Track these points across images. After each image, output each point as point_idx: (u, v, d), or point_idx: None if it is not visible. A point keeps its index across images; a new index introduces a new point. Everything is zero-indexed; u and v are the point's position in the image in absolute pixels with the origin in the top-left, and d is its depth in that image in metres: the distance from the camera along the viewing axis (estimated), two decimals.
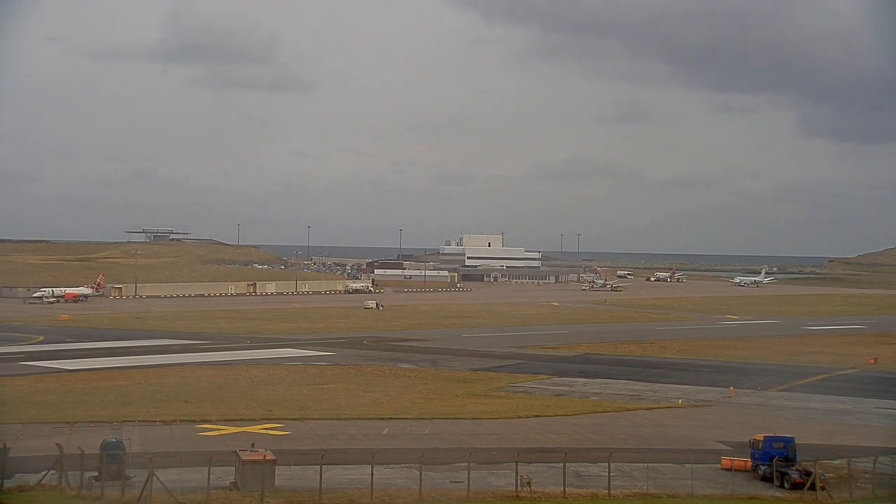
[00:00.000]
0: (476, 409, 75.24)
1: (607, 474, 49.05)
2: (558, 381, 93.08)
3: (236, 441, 57.52)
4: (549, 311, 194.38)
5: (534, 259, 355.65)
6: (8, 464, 47.34)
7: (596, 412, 75.07)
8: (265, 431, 63.09)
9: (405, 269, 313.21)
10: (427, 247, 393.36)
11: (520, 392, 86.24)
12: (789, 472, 52.18)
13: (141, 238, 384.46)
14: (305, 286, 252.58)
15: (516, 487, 47.76)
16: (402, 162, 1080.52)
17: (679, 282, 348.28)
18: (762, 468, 53.86)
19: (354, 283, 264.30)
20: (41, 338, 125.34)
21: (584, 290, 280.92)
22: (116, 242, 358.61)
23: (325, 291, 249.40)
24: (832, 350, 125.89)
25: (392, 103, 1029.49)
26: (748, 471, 54.71)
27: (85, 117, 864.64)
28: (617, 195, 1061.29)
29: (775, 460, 53.08)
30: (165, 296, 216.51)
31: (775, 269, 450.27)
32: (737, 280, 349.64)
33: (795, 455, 54.17)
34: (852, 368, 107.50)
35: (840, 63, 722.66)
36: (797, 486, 50.96)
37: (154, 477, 44.13)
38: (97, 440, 51.22)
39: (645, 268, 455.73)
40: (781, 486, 51.75)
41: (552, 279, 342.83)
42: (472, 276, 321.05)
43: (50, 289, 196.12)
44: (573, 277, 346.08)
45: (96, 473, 47.31)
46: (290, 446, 57.73)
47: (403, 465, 53.22)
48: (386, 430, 65.14)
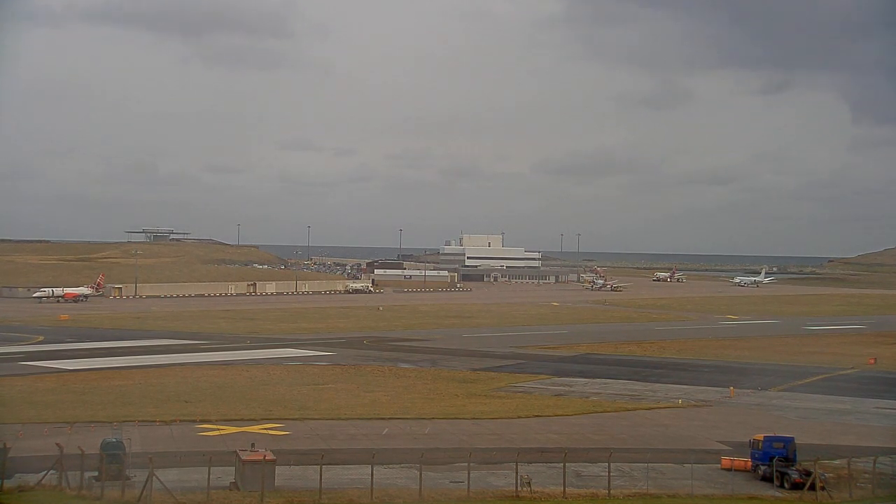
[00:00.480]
0: (476, 409, 75.23)
1: (607, 474, 49.05)
2: (558, 381, 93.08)
3: (236, 441, 57.51)
4: (549, 311, 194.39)
5: (534, 259, 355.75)
6: (8, 464, 47.33)
7: (596, 412, 75.06)
8: (265, 431, 63.08)
9: (405, 269, 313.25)
10: (427, 246, 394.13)
11: (520, 392, 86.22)
12: (789, 472, 52.18)
13: (141, 238, 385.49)
14: (305, 286, 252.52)
15: (516, 487, 47.75)
16: (404, 157, 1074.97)
17: (679, 282, 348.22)
18: (762, 468, 53.86)
19: (354, 283, 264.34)
20: (41, 338, 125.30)
21: (586, 290, 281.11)
22: (116, 242, 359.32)
23: (325, 291, 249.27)
24: (832, 350, 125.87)
25: (396, 98, 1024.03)
26: (748, 471, 54.71)
27: (84, 116, 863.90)
28: (619, 193, 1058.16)
29: (775, 460, 53.08)
30: (165, 296, 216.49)
31: (775, 269, 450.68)
32: (737, 280, 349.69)
33: (795, 455, 54.16)
34: (852, 368, 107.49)
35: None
36: (797, 486, 50.95)
37: (154, 477, 44.13)
38: (97, 440, 51.18)
39: (645, 268, 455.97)
40: (781, 486, 51.75)
41: (552, 279, 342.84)
42: (472, 276, 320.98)
43: (50, 289, 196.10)
44: (573, 277, 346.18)
45: (96, 473, 47.30)
46: (290, 446, 57.69)
47: (403, 465, 53.21)
48: (386, 430, 65.11)
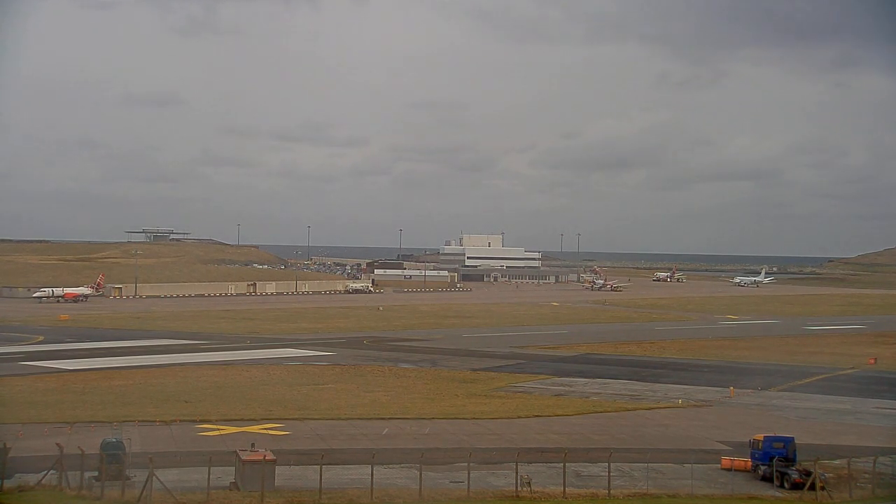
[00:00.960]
0: (476, 409, 75.19)
1: (607, 474, 49.00)
2: (558, 381, 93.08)
3: (236, 441, 57.48)
4: (549, 311, 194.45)
5: (534, 259, 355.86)
6: (8, 464, 47.27)
7: (596, 412, 75.01)
8: (265, 431, 63.05)
9: (405, 269, 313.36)
10: (427, 246, 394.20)
11: (520, 392, 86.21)
12: (789, 472, 52.15)
13: (141, 238, 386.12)
14: (305, 286, 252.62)
15: (516, 487, 47.70)
16: (404, 156, 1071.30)
17: (679, 282, 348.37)
18: (762, 468, 53.83)
19: (354, 283, 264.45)
20: (41, 338, 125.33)
21: (586, 290, 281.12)
22: (116, 242, 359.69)
23: (325, 291, 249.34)
24: (832, 350, 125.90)
25: (396, 88, 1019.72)
26: (748, 471, 54.65)
27: (83, 113, 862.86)
28: (619, 193, 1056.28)
29: (775, 460, 53.05)
30: (165, 296, 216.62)
31: (775, 269, 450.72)
32: (737, 280, 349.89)
33: (795, 455, 54.12)
34: (852, 368, 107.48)
35: None
36: (797, 486, 50.90)
37: (154, 477, 44.09)
38: (97, 440, 51.11)
39: (645, 268, 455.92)
40: (781, 486, 51.71)
41: (552, 279, 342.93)
42: (472, 276, 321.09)
43: (50, 289, 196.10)
44: (573, 277, 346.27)
45: (96, 473, 47.23)
46: (290, 446, 57.65)
47: (403, 465, 53.17)
48: (386, 430, 65.08)
